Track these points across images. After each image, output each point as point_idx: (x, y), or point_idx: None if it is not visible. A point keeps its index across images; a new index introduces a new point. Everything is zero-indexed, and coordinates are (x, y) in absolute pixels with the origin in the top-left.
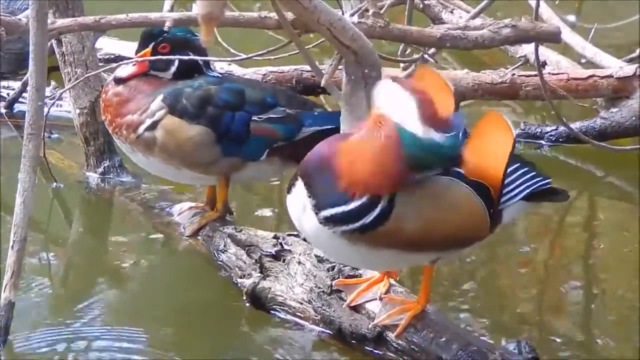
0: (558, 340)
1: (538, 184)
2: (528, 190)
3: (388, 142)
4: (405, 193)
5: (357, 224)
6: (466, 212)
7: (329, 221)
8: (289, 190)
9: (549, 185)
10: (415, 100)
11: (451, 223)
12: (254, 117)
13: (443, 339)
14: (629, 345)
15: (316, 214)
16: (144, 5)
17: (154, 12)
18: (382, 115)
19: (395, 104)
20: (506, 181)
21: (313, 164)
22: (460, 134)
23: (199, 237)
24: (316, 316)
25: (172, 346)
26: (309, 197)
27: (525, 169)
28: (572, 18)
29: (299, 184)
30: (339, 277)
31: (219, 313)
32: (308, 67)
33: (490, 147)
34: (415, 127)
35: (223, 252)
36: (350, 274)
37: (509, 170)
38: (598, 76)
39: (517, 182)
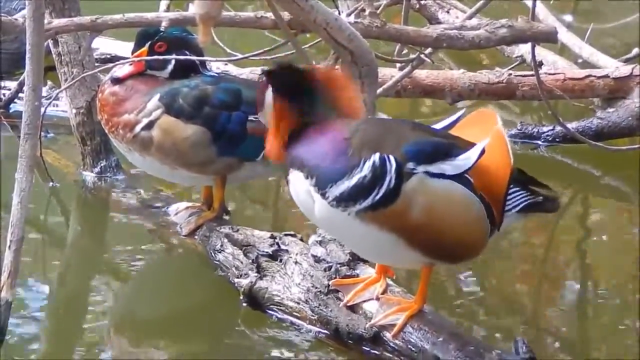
0: (555, 340)
1: (530, 199)
2: (521, 205)
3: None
4: (416, 179)
5: (369, 200)
6: (471, 222)
7: (340, 201)
8: (287, 182)
9: (540, 199)
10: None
11: (455, 225)
12: (251, 117)
13: (440, 339)
14: (625, 347)
15: (323, 195)
16: (140, 5)
17: (150, 12)
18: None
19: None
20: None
21: (303, 148)
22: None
23: (196, 237)
24: (313, 316)
25: (168, 345)
26: (307, 178)
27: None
28: (568, 18)
29: (295, 171)
30: (335, 277)
31: (215, 313)
32: None
33: (493, 164)
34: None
35: (220, 252)
36: (347, 273)
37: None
38: (594, 76)
39: (511, 196)
